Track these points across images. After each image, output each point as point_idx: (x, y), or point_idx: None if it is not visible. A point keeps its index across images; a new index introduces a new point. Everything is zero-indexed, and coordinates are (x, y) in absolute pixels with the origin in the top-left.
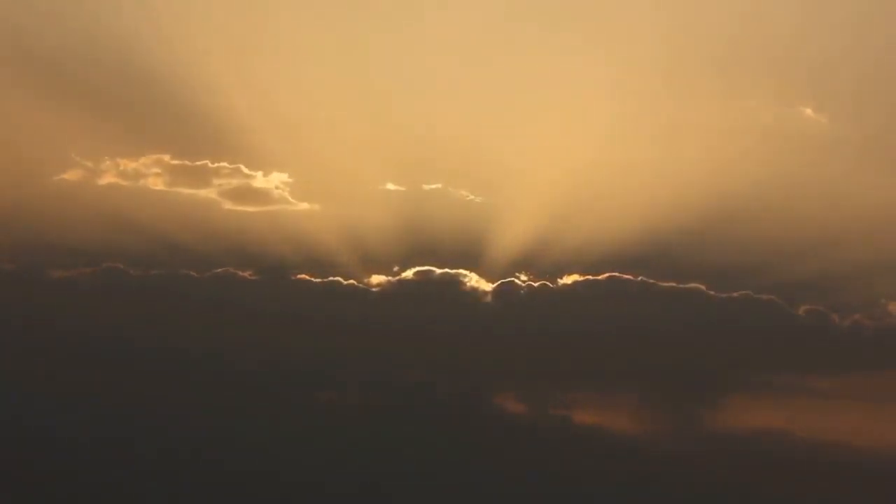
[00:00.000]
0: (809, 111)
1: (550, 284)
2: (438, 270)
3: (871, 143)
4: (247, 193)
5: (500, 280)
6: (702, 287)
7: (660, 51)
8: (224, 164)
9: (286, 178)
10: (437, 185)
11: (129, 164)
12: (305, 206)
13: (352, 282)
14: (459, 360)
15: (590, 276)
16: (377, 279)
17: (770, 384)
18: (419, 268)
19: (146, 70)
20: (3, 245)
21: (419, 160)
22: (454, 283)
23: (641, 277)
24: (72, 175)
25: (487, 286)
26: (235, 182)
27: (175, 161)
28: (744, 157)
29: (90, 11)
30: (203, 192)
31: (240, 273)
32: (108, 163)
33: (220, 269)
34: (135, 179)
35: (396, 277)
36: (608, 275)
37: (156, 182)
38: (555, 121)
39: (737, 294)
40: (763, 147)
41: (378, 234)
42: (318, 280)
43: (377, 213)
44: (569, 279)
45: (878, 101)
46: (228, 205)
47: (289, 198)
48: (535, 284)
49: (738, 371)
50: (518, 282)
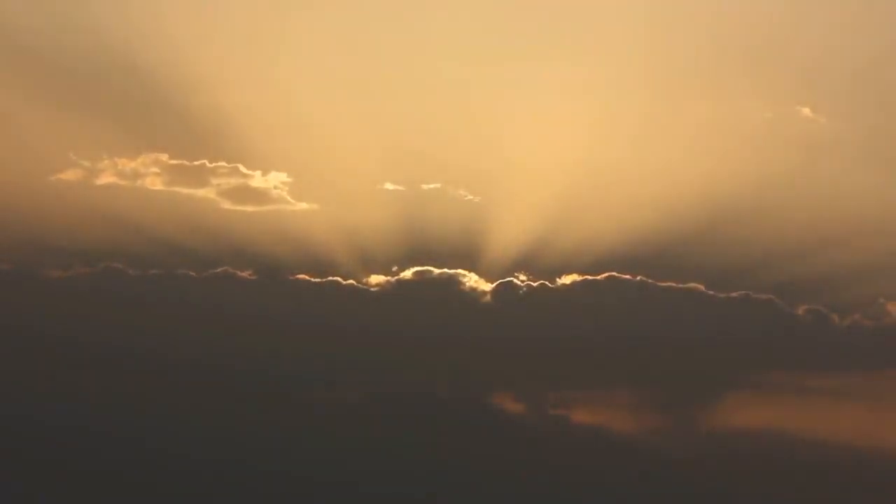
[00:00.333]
0: (807, 111)
1: (549, 284)
2: (437, 270)
3: (870, 143)
4: (245, 193)
5: (499, 280)
6: (700, 287)
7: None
8: (222, 164)
9: (285, 178)
10: (436, 185)
11: (128, 164)
12: (304, 206)
13: (351, 282)
14: (458, 360)
15: (589, 276)
16: (376, 279)
17: (769, 384)
18: (418, 268)
19: (144, 69)
20: (1, 245)
21: (418, 160)
22: (453, 283)
23: (640, 277)
24: (70, 175)
25: (486, 286)
26: (234, 182)
27: (173, 161)
28: (743, 158)
29: (88, 11)
30: (201, 192)
31: (238, 273)
32: (106, 162)
33: (219, 269)
34: (133, 179)
35: (395, 277)
36: (607, 275)
37: (154, 182)
38: (554, 121)
39: (735, 294)
40: (762, 147)
41: (377, 234)
42: (317, 280)
43: (376, 213)
44: (567, 279)
45: (877, 101)
46: (227, 205)
47: (287, 197)
48: (534, 284)
49: (737, 371)
50: (517, 282)
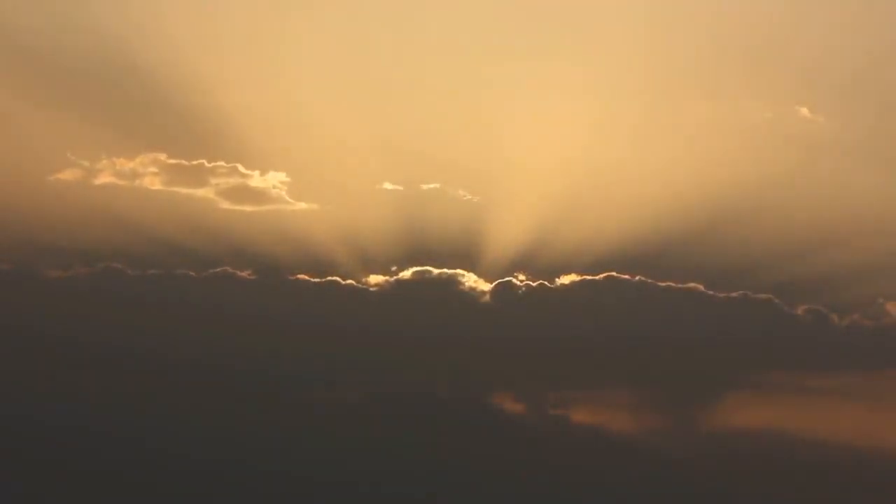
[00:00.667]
0: (806, 111)
1: (548, 284)
2: (436, 270)
3: (868, 143)
4: (244, 193)
5: (498, 280)
6: (700, 287)
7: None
8: (221, 164)
9: (283, 178)
10: (435, 185)
11: (126, 164)
12: (303, 206)
13: (350, 282)
14: (458, 360)
15: (588, 276)
16: (375, 279)
17: (768, 384)
18: (417, 268)
19: (142, 69)
20: (0, 245)
21: (417, 160)
22: (452, 283)
23: (639, 277)
24: (68, 175)
25: (485, 286)
26: (232, 181)
27: (171, 160)
28: (741, 157)
29: (87, 11)
30: (200, 192)
31: (238, 273)
32: (105, 162)
33: (218, 269)
34: (131, 179)
35: (394, 277)
36: (606, 275)
37: (152, 181)
38: (554, 121)
39: (735, 294)
40: (760, 147)
41: (376, 234)
42: (317, 280)
43: (375, 213)
44: (566, 279)
45: (875, 101)
46: (225, 204)
47: (286, 197)
48: (533, 284)
49: (737, 371)
50: (516, 282)
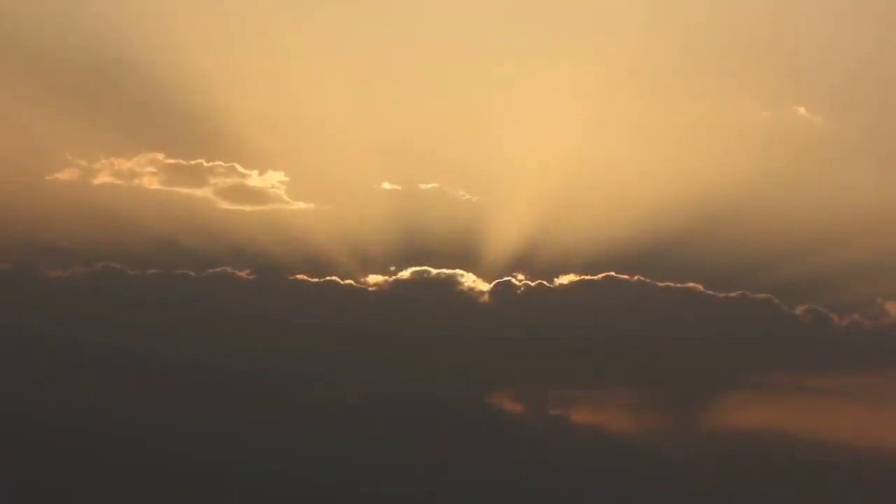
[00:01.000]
0: (803, 110)
1: (547, 284)
2: (435, 270)
3: (867, 143)
4: (242, 193)
5: (497, 280)
6: (699, 287)
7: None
8: (219, 164)
9: (282, 178)
10: (434, 185)
11: (124, 164)
12: (301, 206)
13: (349, 282)
14: (457, 360)
15: (587, 276)
16: (374, 279)
17: (768, 384)
18: (416, 267)
19: (141, 69)
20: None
21: (415, 159)
22: (451, 283)
23: (638, 277)
24: (66, 175)
25: (484, 286)
26: (231, 181)
27: (170, 160)
28: (740, 157)
29: (86, 11)
30: (198, 192)
31: (237, 273)
32: (103, 162)
33: (217, 269)
34: (129, 179)
35: (393, 277)
36: (605, 274)
37: (151, 181)
38: (552, 121)
39: (734, 294)
40: (759, 147)
41: (375, 234)
42: (316, 280)
43: (374, 213)
44: (565, 279)
45: (872, 101)
46: (224, 204)
47: (285, 197)
48: (532, 284)
49: (736, 371)
50: (515, 281)
